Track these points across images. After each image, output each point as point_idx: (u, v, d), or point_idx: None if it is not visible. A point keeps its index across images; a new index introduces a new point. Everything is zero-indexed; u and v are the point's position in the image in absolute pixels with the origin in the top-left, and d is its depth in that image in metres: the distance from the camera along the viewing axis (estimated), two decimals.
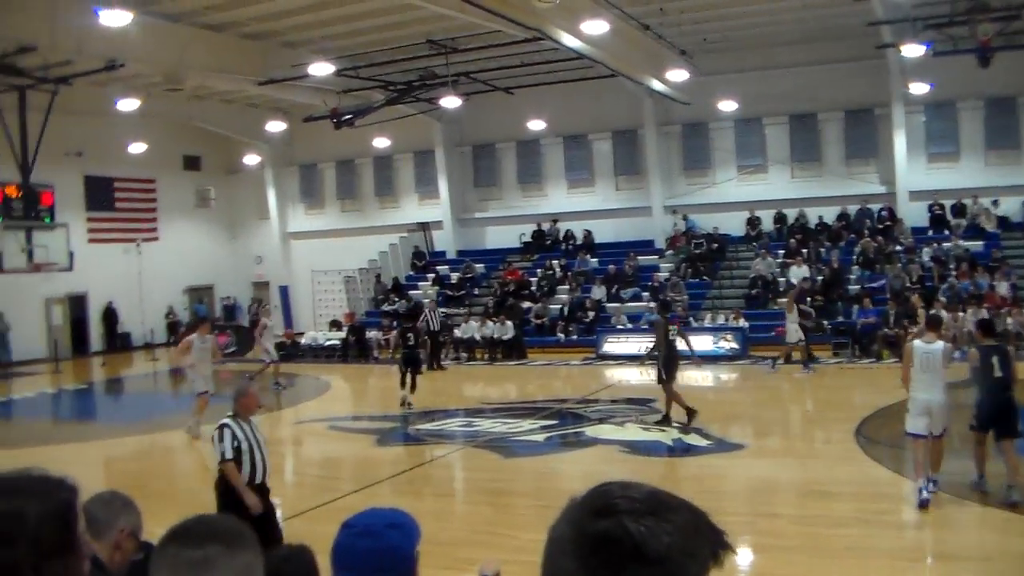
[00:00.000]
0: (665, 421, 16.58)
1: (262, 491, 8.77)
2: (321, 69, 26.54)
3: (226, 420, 8.86)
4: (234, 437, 8.66)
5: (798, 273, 29.79)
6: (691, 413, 16.44)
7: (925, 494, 11.05)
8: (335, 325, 34.34)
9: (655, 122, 34.65)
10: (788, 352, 24.44)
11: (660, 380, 17.02)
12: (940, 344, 11.61)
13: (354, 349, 31.64)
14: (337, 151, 38.37)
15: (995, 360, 11.52)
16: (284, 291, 41.01)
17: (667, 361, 16.94)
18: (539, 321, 30.89)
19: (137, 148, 35.10)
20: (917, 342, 11.80)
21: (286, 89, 30.75)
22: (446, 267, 36.83)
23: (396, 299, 34.51)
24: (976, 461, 11.77)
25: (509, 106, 34.20)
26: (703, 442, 15.55)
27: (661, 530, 1.48)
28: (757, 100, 32.43)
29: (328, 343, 33.06)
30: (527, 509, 11.57)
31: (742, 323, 27.87)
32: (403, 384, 20.43)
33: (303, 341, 33.76)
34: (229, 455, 8.60)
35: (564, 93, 33.23)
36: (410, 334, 21.60)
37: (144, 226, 38.75)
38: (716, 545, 1.56)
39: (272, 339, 26.55)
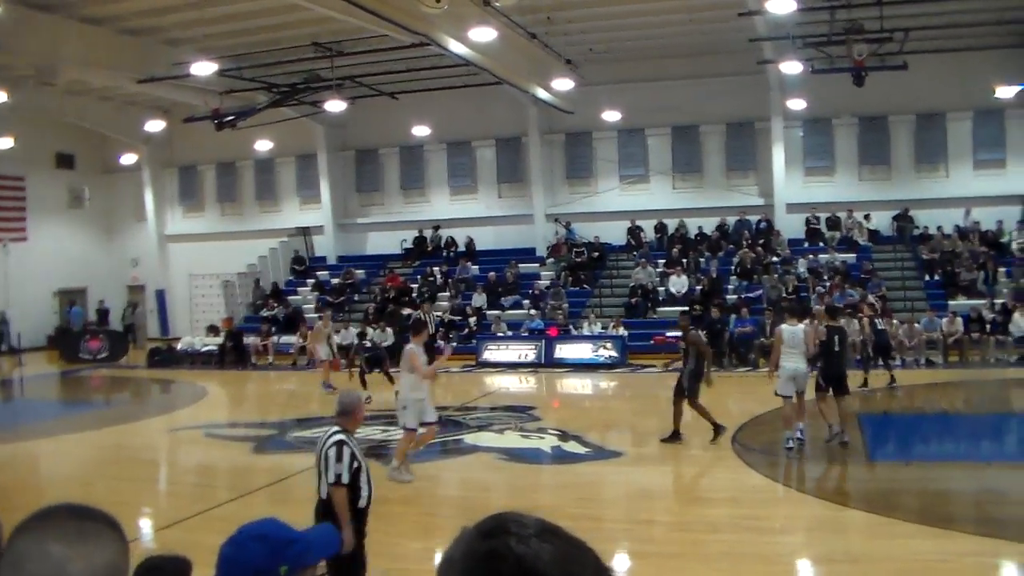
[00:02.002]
0: (675, 437, 15.80)
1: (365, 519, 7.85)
2: (203, 68, 25.79)
3: (341, 436, 7.67)
4: (353, 457, 7.56)
5: (677, 283, 30.24)
6: (718, 429, 15.55)
7: (791, 443, 14.47)
8: (212, 330, 33.59)
9: (539, 130, 34.82)
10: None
11: (686, 395, 15.98)
12: (802, 327, 15.25)
13: (232, 355, 31.00)
14: (218, 153, 37.62)
15: (836, 338, 15.13)
16: (160, 295, 40.12)
17: (694, 375, 15.98)
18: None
19: (4, 143, 33.65)
20: (784, 325, 15.25)
21: (166, 88, 30.06)
22: (326, 273, 36.43)
23: (275, 304, 34.02)
24: (822, 415, 15.22)
25: (394, 111, 34.02)
26: (582, 449, 15.60)
27: (543, 551, 1.52)
28: (641, 111, 32.81)
29: (205, 349, 32.28)
30: (408, 516, 11.43)
31: (622, 332, 28.12)
32: (364, 385, 20.11)
33: (179, 347, 32.96)
34: (347, 479, 7.47)
35: (449, 99, 33.22)
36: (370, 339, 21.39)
37: (12, 225, 37.44)
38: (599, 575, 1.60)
39: (325, 341, 25.26)
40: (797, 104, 30.88)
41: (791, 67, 27.24)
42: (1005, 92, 29.64)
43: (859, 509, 11.59)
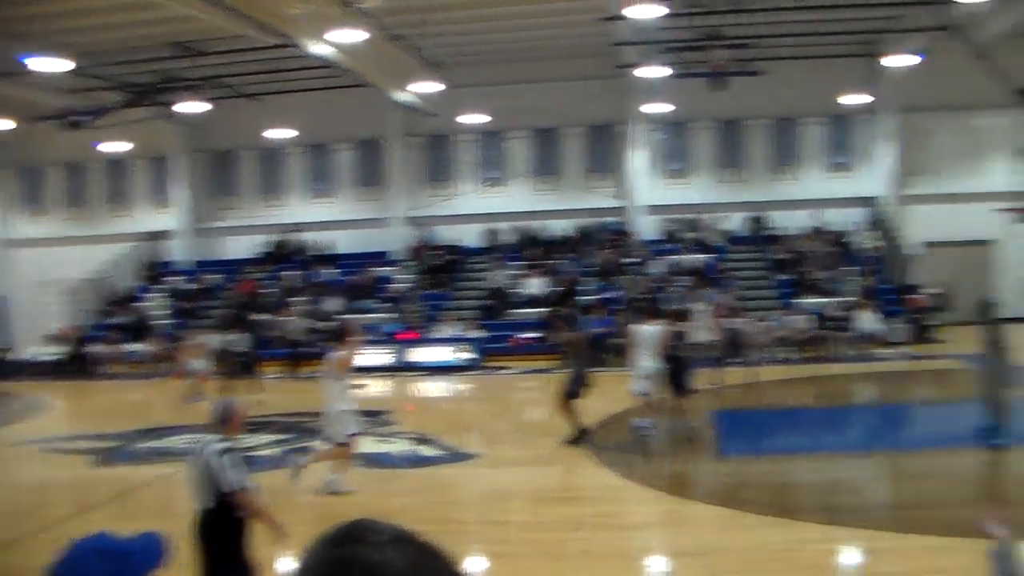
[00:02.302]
0: (581, 437, 15.38)
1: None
2: (52, 65, 24.44)
3: (227, 443, 7.32)
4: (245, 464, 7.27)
5: (534, 285, 30.36)
6: (582, 435, 15.34)
7: (645, 431, 14.95)
8: (54, 339, 32.23)
9: (400, 133, 34.53)
10: None
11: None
12: (658, 327, 15.36)
13: (76, 364, 29.84)
14: (66, 154, 36.09)
15: (679, 338, 16.25)
16: (1, 302, 38.49)
17: (577, 376, 15.65)
18: (275, 333, 30.10)
19: None
20: (641, 326, 15.40)
21: (11, 84, 28.76)
22: (179, 278, 35.43)
23: (123, 311, 32.96)
24: (674, 412, 15.67)
25: (253, 113, 33.27)
26: (438, 452, 15.44)
27: (397, 558, 1.52)
28: (503, 114, 32.78)
29: (47, 358, 30.91)
30: (257, 525, 11.10)
31: (478, 334, 28.07)
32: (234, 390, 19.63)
33: (23, 356, 31.61)
34: (249, 483, 7.18)
35: (308, 101, 32.68)
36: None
37: None
38: None
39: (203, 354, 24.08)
40: (656, 108, 31.36)
41: (651, 72, 27.66)
42: (852, 99, 30.67)
43: (711, 503, 11.98)
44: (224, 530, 7.16)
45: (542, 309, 28.92)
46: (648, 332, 15.25)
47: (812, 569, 9.46)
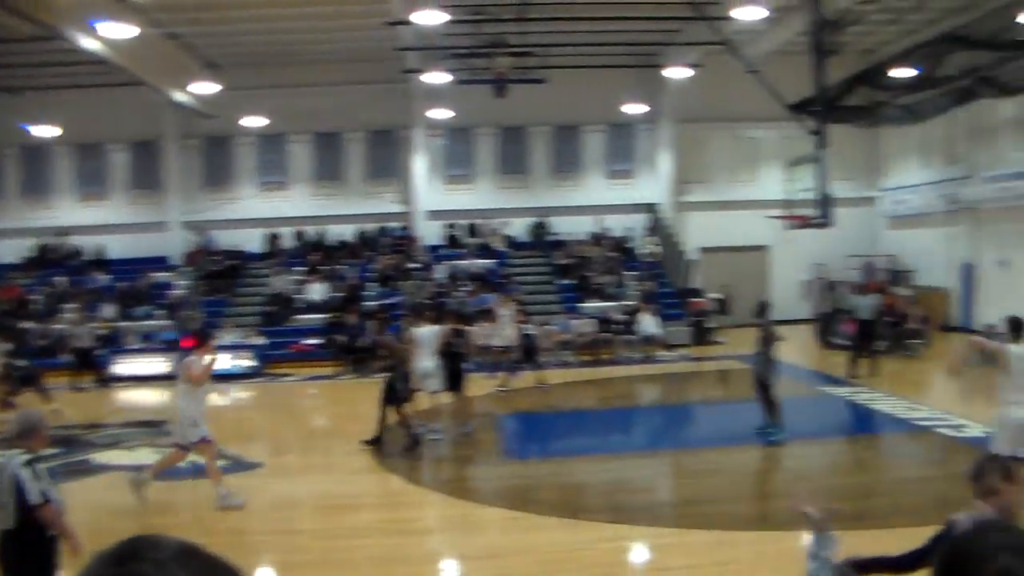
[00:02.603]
0: (376, 442, 15.35)
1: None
2: None
3: (29, 456, 6.90)
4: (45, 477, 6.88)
5: (316, 290, 30.05)
6: (379, 440, 15.36)
7: (434, 436, 15.57)
8: None
9: (176, 134, 33.49)
10: None
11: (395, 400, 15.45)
12: (436, 328, 15.81)
13: None
14: None
15: (458, 340, 16.68)
16: None
17: (403, 379, 15.56)
18: (43, 342, 28.74)
19: None
20: (421, 328, 15.89)
21: None
22: None
23: None
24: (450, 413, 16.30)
25: (14, 108, 31.61)
26: (220, 462, 15.02)
27: (178, 574, 1.45)
28: (284, 117, 32.29)
29: None
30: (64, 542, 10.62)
31: (260, 340, 27.56)
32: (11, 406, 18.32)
33: None
34: (53, 495, 6.82)
35: (79, 98, 31.29)
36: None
37: None
38: None
39: None
40: (440, 114, 31.57)
41: (435, 77, 27.80)
42: (633, 108, 31.71)
43: (499, 506, 12.09)
44: (29, 549, 6.80)
45: (325, 315, 28.72)
46: (427, 333, 15.87)
47: (601, 567, 9.71)
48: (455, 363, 16.40)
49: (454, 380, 16.29)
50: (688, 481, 13.55)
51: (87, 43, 22.52)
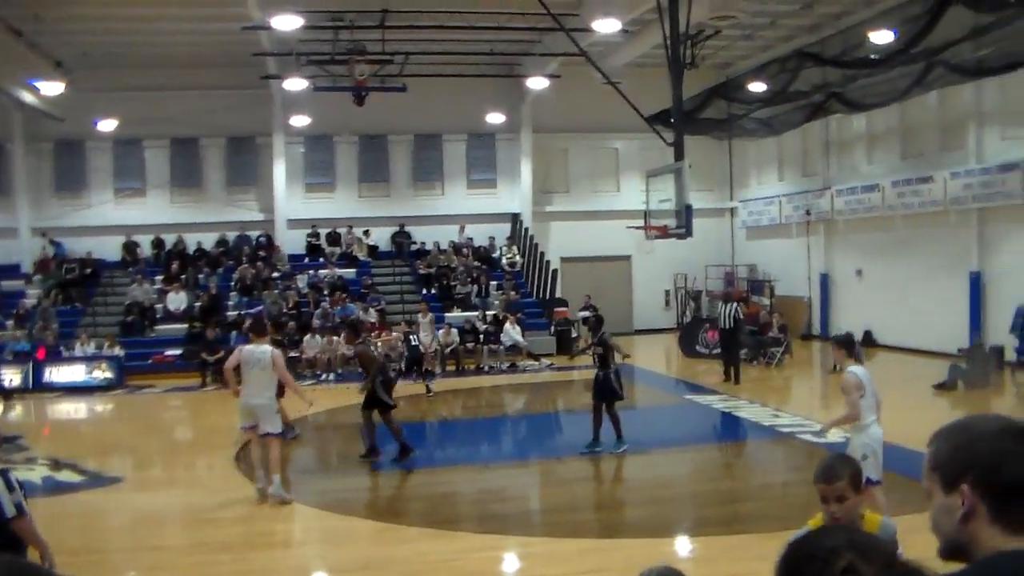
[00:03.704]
0: (372, 453, 14.99)
1: None
2: None
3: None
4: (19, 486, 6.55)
5: (176, 299, 29.43)
6: (373, 452, 15.00)
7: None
8: None
9: (24, 137, 32.31)
10: None
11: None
12: (268, 348, 12.95)
13: None
14: None
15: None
16: None
17: (383, 385, 15.05)
18: None
19: None
20: (247, 346, 13.09)
21: None
22: None
23: None
24: None
25: None
26: (77, 478, 14.59)
27: None
28: (139, 121, 31.57)
29: None
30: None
31: (118, 351, 26.82)
32: None
33: None
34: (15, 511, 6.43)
35: None
36: None
37: None
38: None
39: None
40: (300, 120, 31.42)
41: (294, 84, 27.67)
42: (494, 118, 31.96)
43: (367, 518, 12.00)
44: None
45: (185, 325, 28.14)
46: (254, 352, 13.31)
47: None
48: None
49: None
50: (556, 490, 13.66)
51: None
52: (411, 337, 23.46)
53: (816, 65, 23.53)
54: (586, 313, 27.28)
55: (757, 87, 25.66)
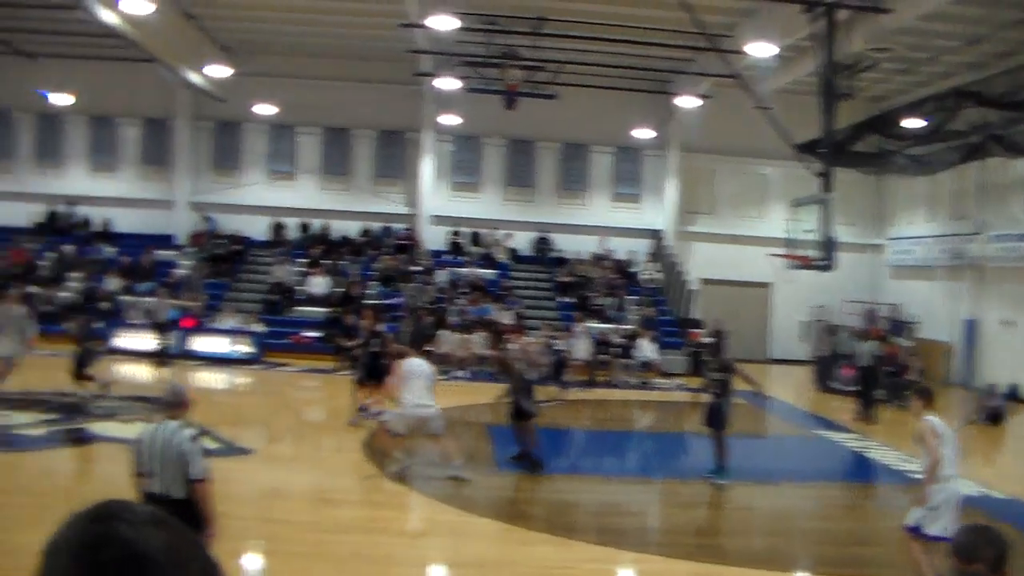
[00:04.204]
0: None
1: None
2: None
3: (190, 429, 7.33)
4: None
5: (317, 283, 30.18)
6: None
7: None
8: None
9: (189, 115, 33.65)
10: None
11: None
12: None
13: None
14: None
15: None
16: None
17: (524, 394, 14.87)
18: (46, 308, 28.87)
19: None
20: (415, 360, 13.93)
21: None
22: None
23: None
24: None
25: (31, 73, 31.76)
26: (212, 444, 15.16)
27: (153, 537, 1.56)
28: (295, 107, 32.50)
29: None
30: (23, 508, 10.71)
31: (259, 327, 27.70)
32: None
33: None
34: (203, 474, 7.19)
35: (95, 70, 31.46)
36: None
37: None
38: (206, 566, 1.66)
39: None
40: (449, 119, 31.85)
41: (447, 83, 27.99)
42: (642, 133, 31.93)
43: (488, 517, 12.07)
44: (190, 523, 6.94)
45: (325, 309, 28.84)
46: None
47: None
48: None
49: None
50: (676, 510, 13.52)
51: (106, 16, 22.70)
52: (553, 344, 23.55)
53: (976, 105, 22.90)
54: (709, 339, 27.02)
55: (912, 123, 25.13)
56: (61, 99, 31.96)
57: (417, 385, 13.48)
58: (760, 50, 23.23)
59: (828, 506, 14.44)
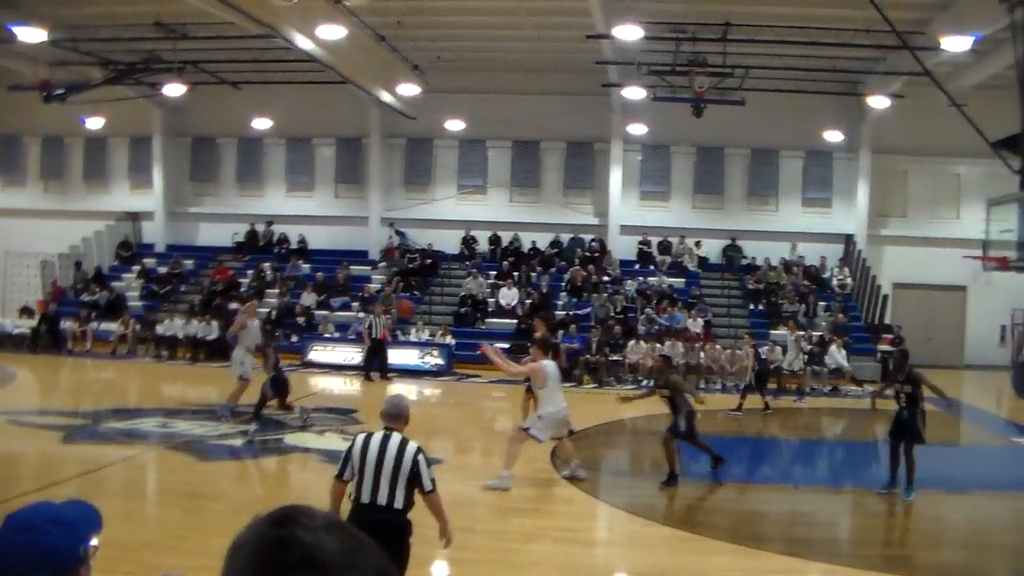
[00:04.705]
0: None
1: None
2: (32, 35, 23.83)
3: (417, 442, 7.60)
4: None
5: (508, 295, 30.48)
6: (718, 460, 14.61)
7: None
8: (26, 312, 32.17)
9: (380, 133, 34.62)
10: None
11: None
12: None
13: (46, 339, 29.67)
14: (44, 125, 35.32)
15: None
16: None
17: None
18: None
19: None
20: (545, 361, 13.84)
21: None
22: (154, 260, 35.29)
23: (97, 289, 32.84)
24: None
25: (234, 101, 33.35)
26: None
27: (329, 542, 1.62)
28: (483, 122, 33.05)
29: (17, 331, 30.70)
30: (221, 514, 11.17)
31: (449, 340, 28.14)
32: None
33: None
34: (432, 485, 7.54)
35: (292, 94, 32.79)
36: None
37: None
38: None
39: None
40: (637, 129, 31.79)
41: (634, 93, 27.98)
42: (832, 136, 31.15)
43: (670, 525, 11.94)
44: (405, 530, 7.33)
45: (515, 320, 29.11)
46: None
47: None
48: None
49: None
50: (866, 521, 13.08)
51: (302, 43, 23.58)
52: (759, 351, 23.18)
53: None
54: (889, 348, 26.10)
55: None
56: (261, 123, 33.40)
57: (555, 388, 13.68)
58: (955, 44, 22.32)
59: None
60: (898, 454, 13.45)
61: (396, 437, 7.51)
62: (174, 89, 28.95)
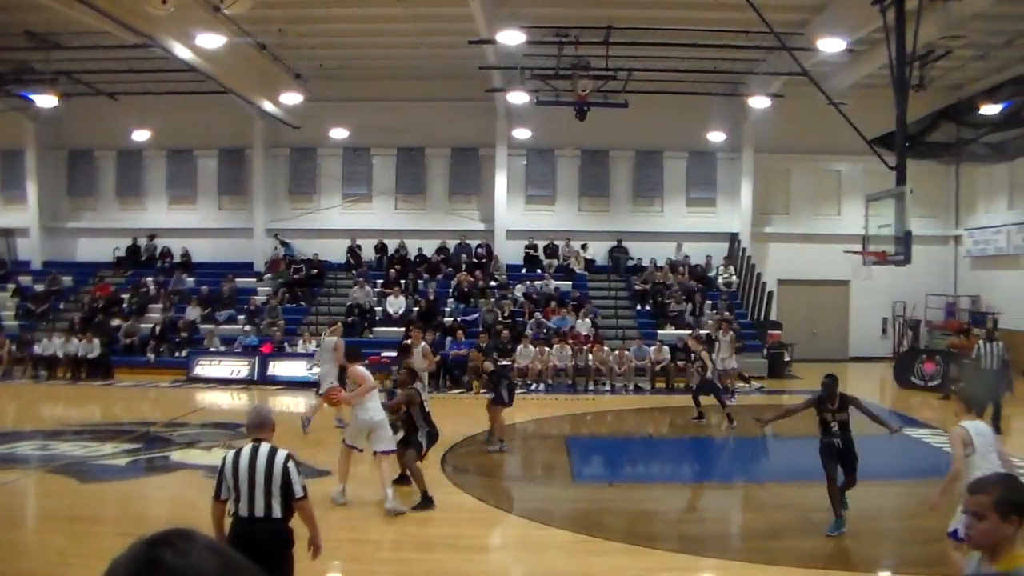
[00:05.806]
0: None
1: None
2: None
3: (287, 450, 7.58)
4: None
5: (395, 303, 30.33)
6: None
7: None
8: None
9: (264, 143, 34.20)
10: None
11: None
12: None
13: None
14: None
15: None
16: None
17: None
18: (129, 340, 29.53)
19: None
20: None
21: None
22: (29, 278, 34.24)
23: None
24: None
25: (112, 112, 32.64)
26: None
27: (202, 564, 1.67)
28: (368, 130, 32.93)
29: None
30: (106, 537, 10.84)
31: None
32: None
33: None
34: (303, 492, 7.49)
35: (172, 105, 32.20)
36: None
37: None
38: None
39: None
40: (522, 133, 31.98)
41: (518, 97, 28.08)
42: (715, 136, 31.72)
43: (563, 528, 12.00)
44: (286, 539, 7.31)
45: (402, 328, 28.94)
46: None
47: None
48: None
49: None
50: (756, 515, 13.25)
51: (181, 52, 23.12)
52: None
53: None
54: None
55: (990, 110, 24.55)
56: (140, 135, 32.72)
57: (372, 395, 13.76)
58: (831, 46, 22.96)
59: (910, 504, 14.01)
60: (836, 483, 12.28)
61: (265, 447, 7.49)
62: (46, 100, 28.20)
